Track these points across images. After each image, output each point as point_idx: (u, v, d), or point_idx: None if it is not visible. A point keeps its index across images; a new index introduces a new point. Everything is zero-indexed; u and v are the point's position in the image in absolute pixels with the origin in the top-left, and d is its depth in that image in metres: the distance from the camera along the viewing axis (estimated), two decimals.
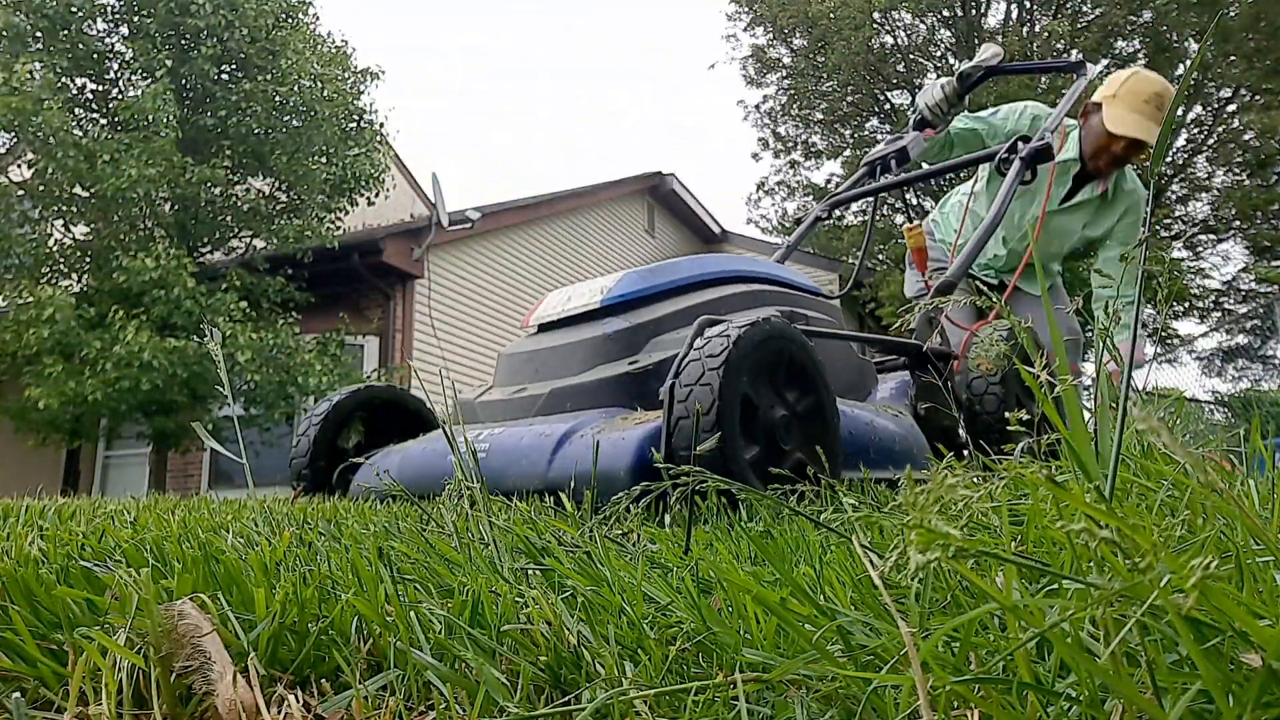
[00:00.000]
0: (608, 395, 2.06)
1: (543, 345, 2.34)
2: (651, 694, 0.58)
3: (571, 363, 2.21)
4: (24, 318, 7.87)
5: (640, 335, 2.18)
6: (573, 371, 2.19)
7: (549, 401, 2.13)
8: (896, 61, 18.79)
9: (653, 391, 1.98)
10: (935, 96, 3.09)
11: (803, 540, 1.06)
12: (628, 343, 2.17)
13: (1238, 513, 0.63)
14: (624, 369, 2.08)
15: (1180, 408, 2.17)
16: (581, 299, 2.36)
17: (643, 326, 2.20)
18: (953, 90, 3.08)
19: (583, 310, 2.33)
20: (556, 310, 2.41)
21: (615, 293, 2.29)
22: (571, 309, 2.37)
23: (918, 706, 0.47)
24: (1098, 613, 0.45)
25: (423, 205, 16.37)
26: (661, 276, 2.35)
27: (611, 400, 2.04)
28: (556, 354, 2.27)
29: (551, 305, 2.46)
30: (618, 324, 2.22)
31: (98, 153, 8.05)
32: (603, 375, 2.10)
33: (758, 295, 2.38)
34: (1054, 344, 0.80)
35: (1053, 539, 0.71)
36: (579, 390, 2.10)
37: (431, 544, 1.07)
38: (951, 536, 0.43)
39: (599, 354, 2.18)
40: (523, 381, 2.31)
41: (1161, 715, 0.42)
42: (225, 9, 8.77)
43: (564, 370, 2.21)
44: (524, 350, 2.40)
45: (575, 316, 2.35)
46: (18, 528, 1.56)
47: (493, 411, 2.26)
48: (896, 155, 3.10)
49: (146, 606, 0.70)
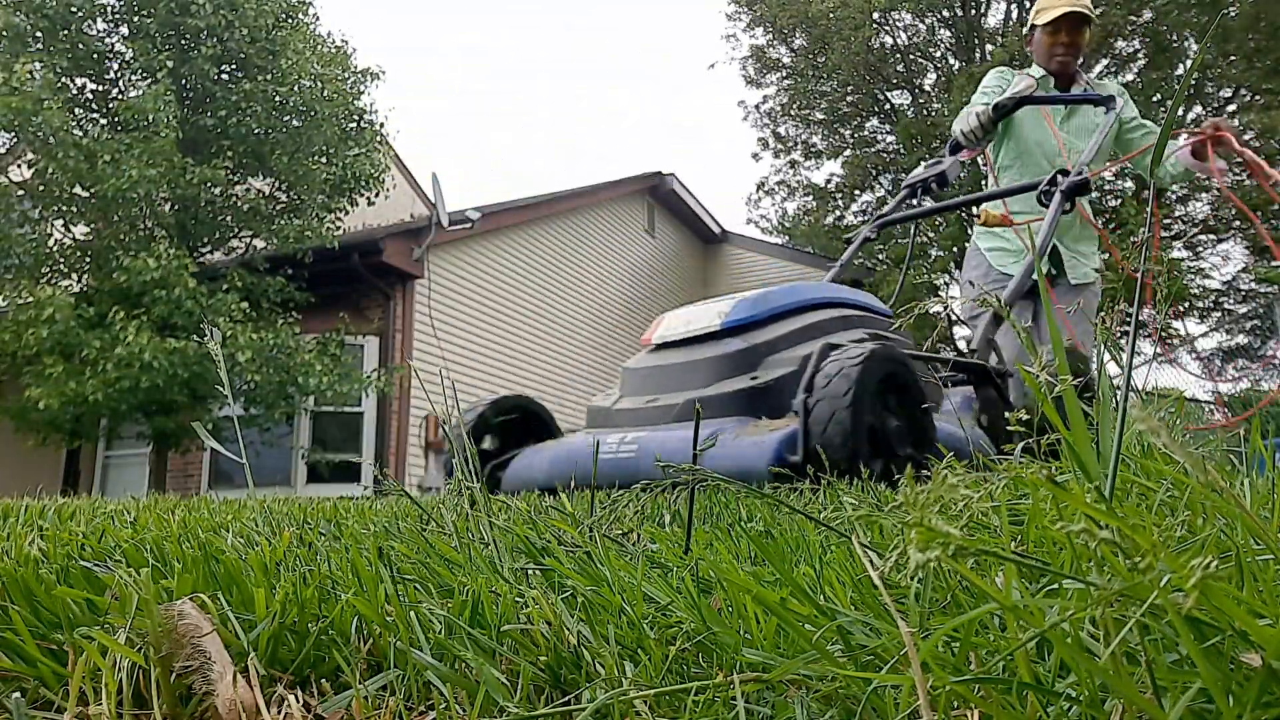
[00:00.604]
0: (734, 406, 2.38)
1: (668, 361, 2.67)
2: (651, 694, 0.58)
3: (698, 377, 2.55)
4: (24, 318, 7.87)
5: (756, 354, 2.51)
6: (700, 385, 2.52)
7: (683, 410, 2.46)
8: (896, 61, 18.80)
9: (773, 403, 2.33)
10: (971, 124, 3.36)
11: (802, 540, 1.06)
12: (746, 361, 2.50)
13: (1238, 512, 0.63)
14: (747, 383, 2.42)
15: (1180, 408, 2.17)
16: (701, 322, 2.68)
17: (757, 347, 2.53)
18: (988, 119, 3.37)
19: (703, 332, 2.65)
20: (678, 331, 2.74)
21: (731, 317, 2.61)
22: (693, 330, 2.68)
23: (918, 706, 0.48)
24: (1097, 613, 0.45)
25: (423, 205, 16.38)
26: (769, 303, 2.67)
27: (737, 410, 2.36)
28: (683, 369, 2.61)
29: (672, 326, 2.78)
30: (736, 344, 2.55)
31: (98, 153, 8.05)
32: (728, 389, 2.43)
33: (847, 319, 2.72)
34: (1055, 346, 0.80)
35: (1053, 539, 0.71)
36: (708, 401, 2.42)
37: (431, 544, 1.07)
38: (951, 535, 0.43)
39: (722, 370, 2.52)
40: (652, 393, 2.64)
41: (1161, 715, 0.42)
42: (225, 9, 8.77)
43: (691, 383, 2.55)
44: (650, 365, 2.73)
45: (696, 337, 2.67)
46: (18, 528, 1.56)
47: (629, 418, 2.60)
48: (937, 179, 3.40)
49: (146, 606, 0.70)
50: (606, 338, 14.21)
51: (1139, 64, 16.84)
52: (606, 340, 14.19)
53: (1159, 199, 15.02)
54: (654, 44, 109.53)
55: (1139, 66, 16.75)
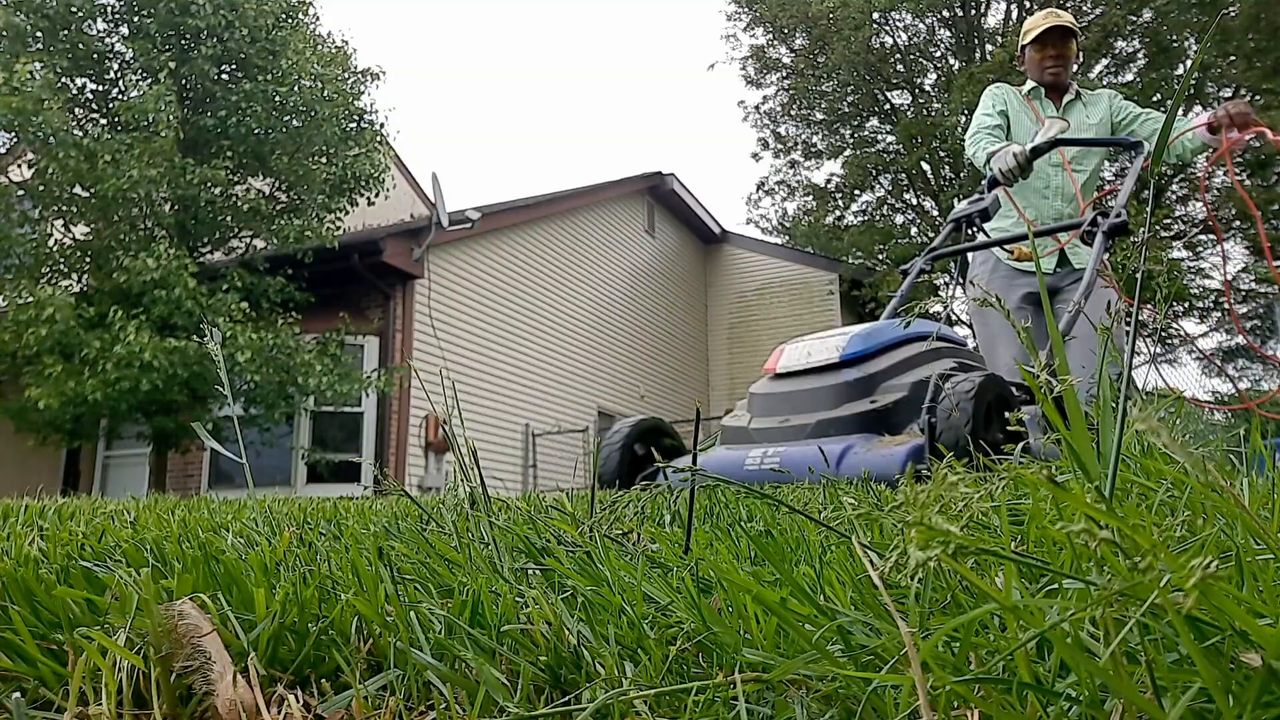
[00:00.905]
0: (858, 425, 2.79)
1: (794, 388, 3.07)
2: (651, 694, 0.58)
3: (824, 401, 2.96)
4: (24, 318, 7.87)
5: (873, 382, 2.94)
6: (827, 407, 2.93)
7: (816, 429, 2.87)
8: (896, 61, 18.80)
9: (890, 422, 2.77)
10: (1009, 164, 3.55)
11: (802, 540, 1.06)
12: (864, 387, 2.92)
13: (1238, 511, 0.63)
14: (868, 406, 2.83)
15: (1180, 408, 2.17)
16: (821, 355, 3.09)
17: (874, 376, 2.95)
18: (1025, 159, 3.55)
19: (824, 363, 3.06)
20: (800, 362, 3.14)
21: (849, 350, 3.03)
22: (814, 362, 3.08)
23: (918, 706, 0.47)
24: (1097, 613, 0.45)
25: (423, 205, 16.39)
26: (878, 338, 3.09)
27: (862, 429, 2.77)
28: (810, 395, 3.02)
29: (794, 358, 3.18)
30: (854, 374, 2.96)
31: (98, 153, 8.05)
32: (852, 411, 2.85)
33: (940, 350, 3.14)
34: (1055, 346, 0.80)
35: (1053, 539, 0.71)
36: (836, 421, 2.84)
37: (431, 544, 1.07)
38: (951, 534, 0.43)
39: (845, 396, 2.93)
40: (784, 414, 3.04)
41: (1161, 715, 0.42)
42: (225, 9, 8.78)
43: (819, 406, 2.96)
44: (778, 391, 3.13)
45: (817, 368, 3.06)
46: (18, 528, 1.56)
47: (766, 436, 2.99)
48: (980, 215, 3.60)
49: (146, 606, 0.70)
50: (606, 337, 14.21)
51: (1139, 64, 16.83)
52: (606, 340, 14.19)
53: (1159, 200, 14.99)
54: (654, 44, 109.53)
55: (1139, 66, 16.75)
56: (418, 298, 10.34)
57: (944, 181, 18.11)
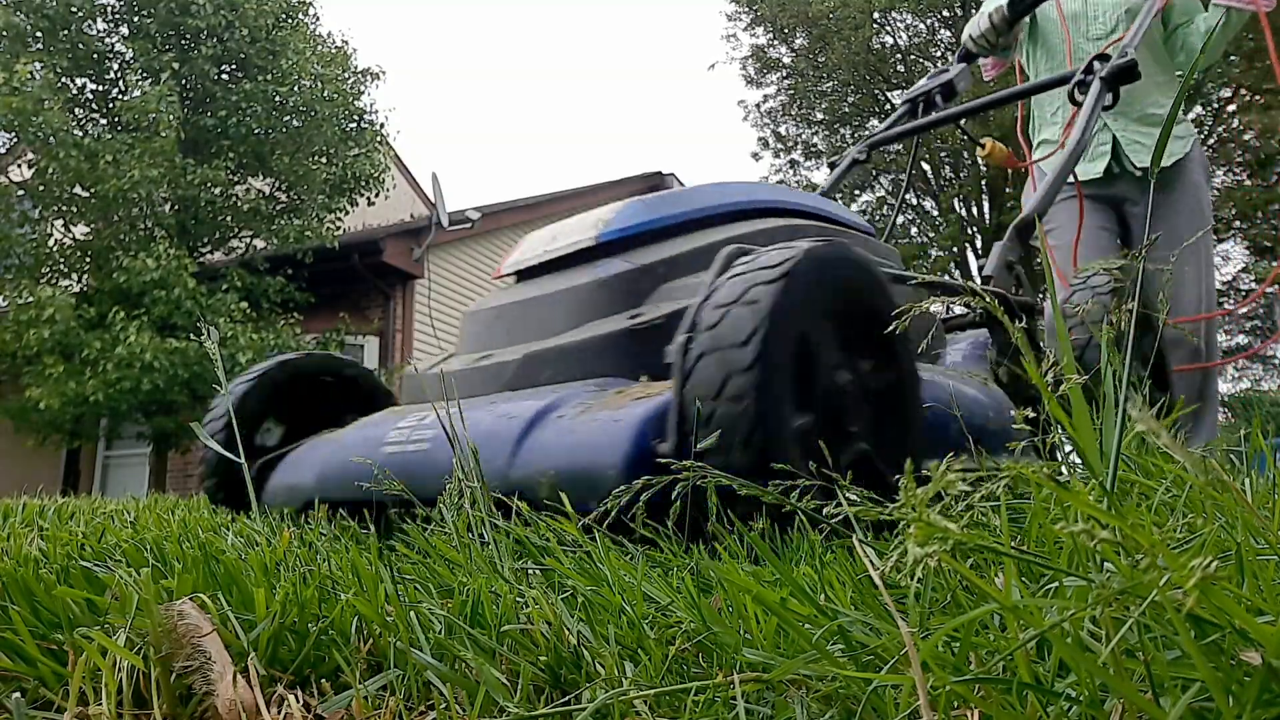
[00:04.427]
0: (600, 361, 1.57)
1: (518, 298, 1.83)
2: (651, 694, 0.58)
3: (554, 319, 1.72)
4: (24, 318, 7.87)
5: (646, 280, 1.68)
6: (555, 330, 1.69)
7: (522, 371, 1.64)
8: (896, 61, 18.79)
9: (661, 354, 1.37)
10: (982, 26, 2.87)
11: (803, 540, 1.06)
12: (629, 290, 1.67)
13: (1239, 510, 0.63)
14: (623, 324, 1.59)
15: None
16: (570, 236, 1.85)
17: (650, 269, 1.69)
18: (1001, 19, 2.85)
19: (572, 250, 1.82)
20: (538, 252, 1.90)
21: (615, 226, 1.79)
22: (557, 249, 1.86)
23: (918, 706, 0.48)
24: (1097, 612, 0.45)
25: (423, 205, 16.38)
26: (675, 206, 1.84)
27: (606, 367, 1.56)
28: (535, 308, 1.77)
29: (532, 247, 1.95)
30: (617, 266, 1.72)
31: (99, 153, 8.06)
32: (594, 334, 1.61)
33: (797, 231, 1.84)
34: (1048, 287, 0.79)
35: (1053, 538, 0.71)
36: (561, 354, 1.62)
37: (431, 544, 1.07)
38: (950, 531, 0.43)
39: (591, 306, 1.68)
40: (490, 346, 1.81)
41: (1161, 715, 0.42)
42: (225, 9, 8.78)
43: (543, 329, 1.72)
44: (494, 305, 1.89)
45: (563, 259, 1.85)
46: (18, 528, 1.57)
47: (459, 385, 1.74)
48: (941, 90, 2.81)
49: (146, 606, 0.70)
50: None
51: None
52: None
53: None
54: (654, 44, 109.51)
55: None
56: (418, 298, 10.34)
57: (944, 182, 18.11)
